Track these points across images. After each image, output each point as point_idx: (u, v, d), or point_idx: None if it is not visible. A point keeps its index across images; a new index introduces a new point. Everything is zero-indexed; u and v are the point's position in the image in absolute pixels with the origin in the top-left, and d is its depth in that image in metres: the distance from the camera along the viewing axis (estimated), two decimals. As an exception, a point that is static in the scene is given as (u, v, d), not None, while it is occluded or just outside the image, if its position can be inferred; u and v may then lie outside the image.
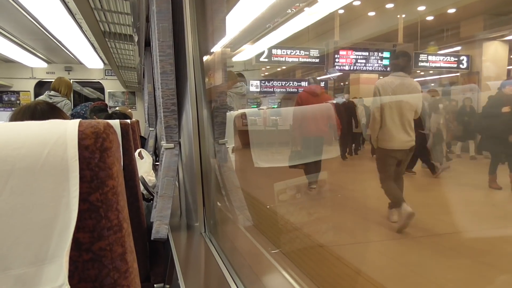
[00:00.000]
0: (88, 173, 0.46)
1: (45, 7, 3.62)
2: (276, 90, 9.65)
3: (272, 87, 9.54)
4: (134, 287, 0.51)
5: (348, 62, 6.21)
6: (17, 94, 8.47)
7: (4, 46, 5.92)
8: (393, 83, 2.96)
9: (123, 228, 0.50)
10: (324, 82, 9.16)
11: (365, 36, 6.73)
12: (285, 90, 9.66)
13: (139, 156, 1.90)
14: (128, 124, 1.23)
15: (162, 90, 1.22)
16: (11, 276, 0.42)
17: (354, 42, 6.49)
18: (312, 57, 7.26)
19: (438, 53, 6.92)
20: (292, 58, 7.16)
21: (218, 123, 1.28)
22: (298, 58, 7.21)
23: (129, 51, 4.91)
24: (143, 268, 1.33)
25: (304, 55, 7.24)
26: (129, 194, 1.22)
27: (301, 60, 7.30)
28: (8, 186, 0.42)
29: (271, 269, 1.00)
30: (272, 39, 5.05)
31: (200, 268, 1.06)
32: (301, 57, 7.23)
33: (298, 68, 11.22)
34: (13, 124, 0.48)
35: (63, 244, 0.43)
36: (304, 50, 7.23)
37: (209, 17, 1.25)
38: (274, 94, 10.00)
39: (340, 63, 6.22)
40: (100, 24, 3.52)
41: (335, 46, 6.40)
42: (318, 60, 7.26)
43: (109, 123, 0.50)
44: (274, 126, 4.98)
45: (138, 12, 2.30)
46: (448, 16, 6.27)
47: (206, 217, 1.30)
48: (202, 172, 1.29)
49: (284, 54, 7.02)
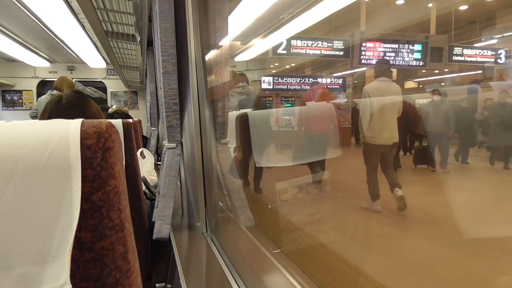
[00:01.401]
0: (90, 172, 0.46)
1: (48, 7, 3.63)
2: (290, 87, 8.83)
3: (286, 84, 8.62)
4: (135, 286, 0.51)
5: (375, 56, 5.37)
6: (19, 93, 8.49)
7: (7, 45, 5.94)
8: (380, 88, 3.42)
9: (125, 227, 0.50)
10: (342, 79, 8.23)
11: (394, 27, 5.86)
12: (299, 88, 8.86)
13: (141, 156, 1.90)
14: (131, 123, 1.23)
15: (164, 90, 1.22)
16: (14, 275, 0.42)
17: (382, 33, 5.63)
18: (336, 49, 6.33)
19: (474, 46, 6.03)
20: (314, 50, 6.22)
21: (220, 123, 1.28)
22: (320, 50, 6.27)
23: (132, 50, 4.91)
24: (145, 268, 1.33)
25: (327, 47, 6.27)
26: (131, 193, 1.23)
27: (323, 53, 6.38)
28: (11, 185, 0.43)
29: (272, 269, 1.00)
30: (288, 31, 4.65)
31: (202, 268, 1.06)
32: (324, 49, 6.27)
33: (308, 65, 10.01)
34: (16, 123, 0.48)
35: (65, 243, 0.43)
36: (327, 42, 6.27)
37: (212, 17, 1.25)
38: (289, 91, 9.11)
39: (366, 56, 5.37)
40: (103, 23, 3.53)
41: (361, 37, 5.55)
42: (343, 53, 6.34)
43: (111, 123, 0.50)
44: (288, 126, 4.75)
45: (141, 12, 2.31)
46: (487, 5, 5.51)
47: (207, 216, 1.30)
48: (204, 171, 1.29)
49: (304, 46, 6.10)
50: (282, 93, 9.63)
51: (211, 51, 1.31)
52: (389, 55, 5.39)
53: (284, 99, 10.04)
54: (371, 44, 5.38)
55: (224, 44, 1.29)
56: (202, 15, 1.26)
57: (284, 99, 10.04)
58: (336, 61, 7.65)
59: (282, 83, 8.82)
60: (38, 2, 3.54)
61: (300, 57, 6.89)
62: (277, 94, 9.64)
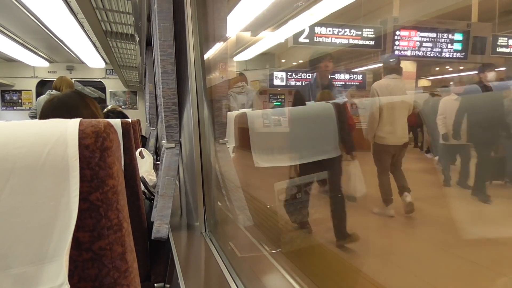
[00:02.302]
0: (88, 172, 0.46)
1: (47, 7, 3.62)
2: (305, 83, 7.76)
3: (300, 80, 7.45)
4: (134, 286, 0.51)
5: (410, 46, 4.57)
6: (19, 93, 8.48)
7: (6, 45, 5.93)
8: (389, 85, 3.27)
9: (123, 227, 0.50)
10: (362, 75, 7.12)
11: (431, 13, 4.83)
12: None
13: (140, 156, 1.90)
14: (129, 123, 1.23)
15: (163, 89, 1.22)
16: (12, 275, 0.42)
17: (419, 20, 4.77)
18: (366, 37, 5.51)
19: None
20: (340, 39, 5.39)
21: (219, 122, 1.28)
22: (348, 39, 5.45)
23: (131, 50, 4.91)
24: (144, 268, 1.33)
25: (355, 35, 5.46)
26: (130, 193, 1.22)
27: (351, 42, 5.50)
28: (9, 185, 0.42)
29: (271, 269, 1.00)
30: (307, 20, 4.12)
31: (200, 268, 1.06)
32: (352, 37, 5.45)
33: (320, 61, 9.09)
34: (15, 123, 0.48)
35: (63, 243, 0.43)
36: (356, 29, 5.44)
37: (210, 16, 1.25)
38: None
39: (400, 47, 4.56)
40: (102, 23, 3.52)
41: (394, 24, 4.80)
42: (374, 42, 5.48)
43: (110, 123, 0.50)
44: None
45: (140, 11, 2.31)
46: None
47: (206, 216, 1.30)
48: (203, 171, 1.29)
49: (330, 34, 5.27)
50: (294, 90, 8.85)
51: (211, 49, 1.31)
52: (425, 45, 4.48)
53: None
54: (405, 32, 4.48)
55: (229, 38, 1.27)
56: (201, 15, 1.26)
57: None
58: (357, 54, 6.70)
59: (296, 79, 7.54)
60: (37, 2, 3.53)
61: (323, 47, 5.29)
62: (290, 91, 8.39)
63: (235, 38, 3.30)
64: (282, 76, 7.45)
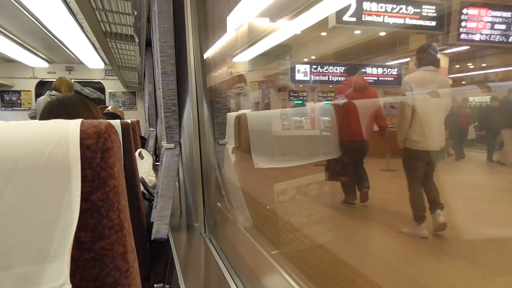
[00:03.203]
0: (90, 172, 0.47)
1: (47, 7, 3.62)
2: (332, 78, 5.94)
3: (326, 74, 5.95)
4: (135, 286, 0.51)
5: (480, 28, 3.44)
6: (18, 93, 8.47)
7: (5, 46, 5.93)
8: (425, 79, 2.69)
9: (124, 227, 0.50)
10: (397, 69, 5.60)
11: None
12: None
13: (139, 156, 1.90)
14: (129, 124, 1.23)
15: (163, 90, 1.22)
16: (13, 274, 0.42)
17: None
18: (426, 17, 4.29)
19: None
20: (394, 18, 4.29)
21: (218, 123, 1.28)
22: (404, 18, 4.24)
23: (130, 51, 4.91)
24: (143, 268, 1.33)
25: (413, 14, 4.21)
26: (130, 194, 1.23)
27: (408, 22, 4.25)
28: (11, 185, 0.43)
29: (270, 269, 1.00)
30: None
31: (200, 268, 1.06)
32: (409, 16, 4.22)
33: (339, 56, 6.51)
34: (16, 123, 0.48)
35: (64, 243, 0.44)
36: (414, 6, 4.21)
37: (210, 17, 1.25)
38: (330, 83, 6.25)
39: (467, 29, 3.48)
40: (101, 24, 3.52)
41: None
42: (435, 23, 4.22)
43: (111, 123, 0.50)
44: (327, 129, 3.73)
45: (139, 12, 2.31)
46: None
47: (206, 217, 1.30)
48: (203, 172, 1.30)
49: (382, 11, 4.17)
50: (320, 87, 7.06)
51: (216, 45, 1.31)
52: (497, 27, 3.30)
53: (322, 95, 7.38)
54: (474, 11, 3.39)
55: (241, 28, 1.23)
56: (201, 16, 1.26)
57: (323, 95, 7.39)
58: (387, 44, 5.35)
59: (322, 73, 6.05)
60: (36, 3, 3.53)
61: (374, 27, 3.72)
62: (313, 88, 7.01)
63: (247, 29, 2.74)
64: (305, 70, 5.93)
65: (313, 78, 5.96)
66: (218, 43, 1.29)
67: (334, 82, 5.97)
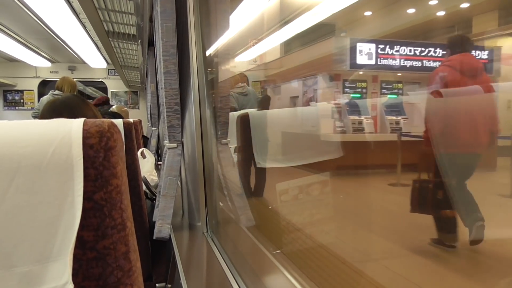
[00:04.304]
0: (93, 171, 0.47)
1: (50, 7, 3.63)
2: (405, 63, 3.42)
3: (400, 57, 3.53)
4: (137, 286, 0.51)
5: None
6: (21, 93, 8.50)
7: (8, 45, 5.95)
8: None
9: (126, 227, 0.50)
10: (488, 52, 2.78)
11: None
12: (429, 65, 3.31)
13: (141, 156, 1.90)
14: (131, 123, 1.23)
15: (166, 89, 1.22)
16: (16, 273, 0.42)
17: None
18: None
19: None
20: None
21: (221, 122, 1.28)
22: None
23: (133, 50, 4.92)
24: (145, 267, 1.33)
25: None
26: (132, 193, 1.22)
27: None
28: (14, 184, 0.43)
29: (273, 269, 1.00)
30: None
31: (202, 268, 1.06)
32: None
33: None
34: (20, 122, 0.48)
35: (67, 242, 0.44)
36: None
37: (213, 17, 1.25)
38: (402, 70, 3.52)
39: None
40: (104, 23, 3.53)
41: None
42: None
43: (113, 122, 0.50)
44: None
45: (142, 12, 2.31)
46: None
47: (208, 216, 1.30)
48: (205, 171, 1.30)
49: None
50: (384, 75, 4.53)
51: (213, 50, 1.31)
52: None
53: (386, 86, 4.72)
54: None
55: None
56: (204, 15, 1.26)
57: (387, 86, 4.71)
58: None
59: (393, 56, 3.68)
60: (39, 2, 3.54)
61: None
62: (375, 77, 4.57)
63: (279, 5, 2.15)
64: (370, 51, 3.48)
65: (381, 62, 3.75)
66: (221, 39, 1.28)
67: (407, 69, 3.64)
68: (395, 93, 4.42)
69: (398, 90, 4.36)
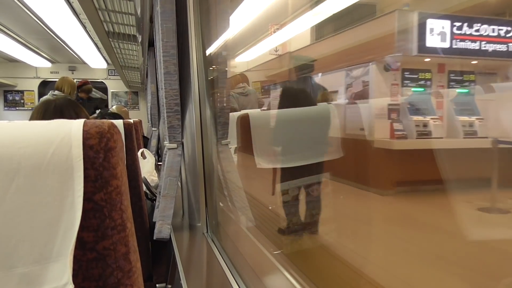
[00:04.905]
0: (93, 172, 0.47)
1: (50, 7, 3.63)
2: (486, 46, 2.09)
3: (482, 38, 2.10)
4: (137, 286, 0.51)
5: None
6: (21, 93, 8.50)
7: (8, 45, 5.95)
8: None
9: (126, 227, 0.50)
10: None
11: None
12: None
13: (141, 156, 1.90)
14: (131, 124, 1.23)
15: (166, 90, 1.22)
16: (16, 274, 0.42)
17: None
18: None
19: None
20: None
21: (221, 123, 1.28)
22: None
23: (133, 51, 4.92)
24: (146, 268, 1.33)
25: None
26: (132, 193, 1.23)
27: None
28: (14, 185, 0.43)
29: (273, 269, 1.00)
30: None
31: (202, 268, 1.06)
32: None
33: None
34: (20, 123, 0.48)
35: (67, 243, 0.44)
36: None
37: (213, 18, 1.25)
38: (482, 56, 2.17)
39: None
40: (104, 24, 3.53)
41: None
42: None
43: (114, 123, 0.50)
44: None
45: (142, 12, 2.31)
46: None
47: (208, 217, 1.30)
48: (205, 172, 1.30)
49: None
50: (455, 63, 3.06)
51: (212, 52, 1.31)
52: None
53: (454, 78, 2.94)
54: None
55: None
56: (204, 16, 1.26)
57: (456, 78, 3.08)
58: None
59: (471, 37, 2.13)
60: (39, 3, 3.55)
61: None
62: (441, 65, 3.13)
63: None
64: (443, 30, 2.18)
65: (456, 45, 2.55)
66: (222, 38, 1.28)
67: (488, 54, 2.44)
68: (465, 87, 3.35)
69: (470, 83, 3.27)
